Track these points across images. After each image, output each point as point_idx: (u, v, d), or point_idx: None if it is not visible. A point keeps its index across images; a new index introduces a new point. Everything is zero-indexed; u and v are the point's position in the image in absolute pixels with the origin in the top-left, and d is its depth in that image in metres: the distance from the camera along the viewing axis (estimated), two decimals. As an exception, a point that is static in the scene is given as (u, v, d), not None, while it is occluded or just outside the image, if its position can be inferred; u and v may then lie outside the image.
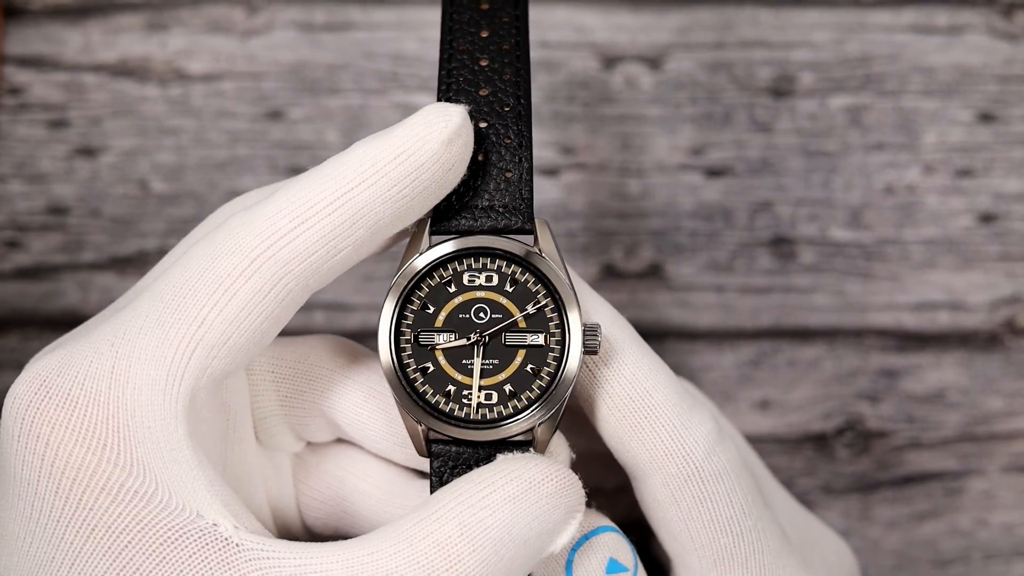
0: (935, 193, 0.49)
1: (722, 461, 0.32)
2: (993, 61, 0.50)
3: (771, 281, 0.49)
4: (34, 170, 0.49)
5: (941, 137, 0.50)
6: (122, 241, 0.49)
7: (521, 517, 0.29)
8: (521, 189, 0.33)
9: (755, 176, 0.49)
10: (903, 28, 0.50)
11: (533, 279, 0.32)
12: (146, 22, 0.50)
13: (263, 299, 0.29)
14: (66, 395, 0.28)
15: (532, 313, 0.32)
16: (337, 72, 0.50)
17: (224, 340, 0.29)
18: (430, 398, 0.32)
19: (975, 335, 0.49)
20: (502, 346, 0.32)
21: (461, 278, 0.32)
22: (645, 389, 0.32)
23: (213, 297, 0.29)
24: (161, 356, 0.28)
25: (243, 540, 0.28)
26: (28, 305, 0.49)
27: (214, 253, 0.29)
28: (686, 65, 0.50)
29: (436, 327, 0.32)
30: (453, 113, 0.30)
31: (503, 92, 0.33)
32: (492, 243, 0.32)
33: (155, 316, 0.29)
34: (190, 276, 0.29)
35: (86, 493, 0.28)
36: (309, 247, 0.29)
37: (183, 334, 0.29)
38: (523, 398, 0.32)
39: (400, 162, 0.29)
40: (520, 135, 0.33)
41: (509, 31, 0.34)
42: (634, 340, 0.33)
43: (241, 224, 0.29)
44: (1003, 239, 0.49)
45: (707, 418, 0.33)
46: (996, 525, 0.48)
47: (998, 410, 0.49)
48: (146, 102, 0.49)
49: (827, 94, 0.50)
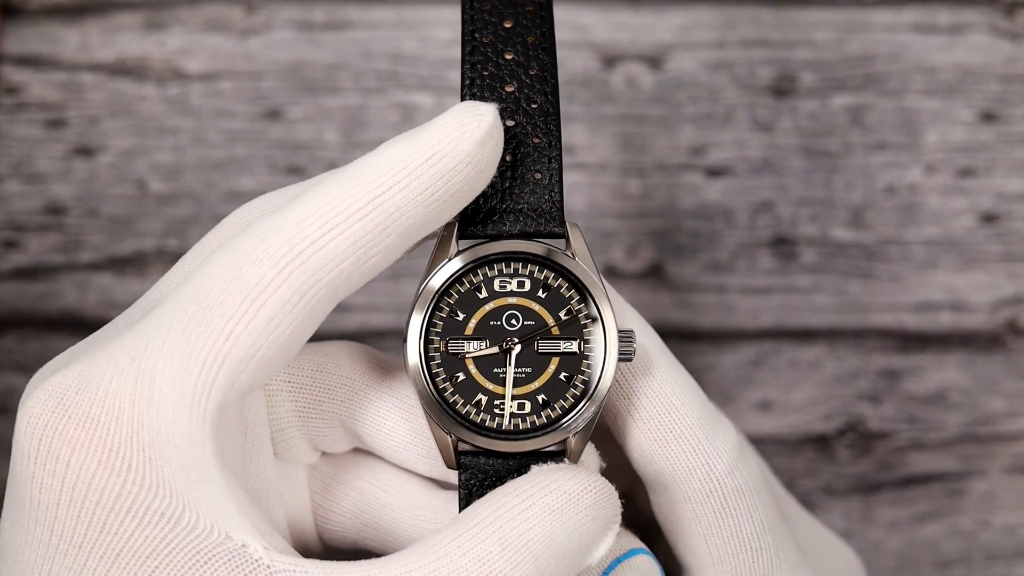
0: (937, 193, 0.49)
1: (744, 477, 0.32)
2: (995, 60, 0.50)
3: (772, 281, 0.49)
4: (32, 170, 0.49)
5: (943, 137, 0.49)
6: (120, 241, 0.49)
7: (561, 530, 0.28)
8: (551, 191, 0.31)
9: (756, 176, 0.49)
10: (905, 27, 0.50)
11: (566, 284, 0.31)
12: (144, 21, 0.50)
13: (292, 309, 0.28)
14: (86, 414, 0.27)
15: (565, 319, 0.31)
16: (336, 71, 0.49)
17: (252, 353, 0.27)
18: (460, 408, 0.31)
19: (977, 336, 0.49)
20: (535, 354, 0.31)
21: (492, 284, 0.31)
22: (672, 403, 0.32)
23: (240, 308, 0.27)
24: (187, 371, 0.27)
25: (273, 561, 0.27)
26: (26, 305, 0.49)
27: (240, 261, 0.28)
28: (687, 64, 0.50)
29: (466, 335, 0.31)
30: (485, 112, 0.28)
31: (529, 88, 0.32)
32: (524, 247, 0.31)
33: (179, 328, 0.27)
34: (215, 286, 0.27)
35: (110, 517, 0.27)
36: (340, 254, 0.28)
37: (210, 347, 0.27)
38: (557, 407, 0.31)
39: (433, 164, 0.28)
40: (549, 134, 0.32)
41: (534, 21, 0.32)
42: (663, 352, 0.32)
43: (268, 230, 0.28)
44: (1005, 239, 0.49)
45: (731, 433, 0.32)
46: (998, 526, 0.48)
47: (1000, 411, 0.49)
48: (144, 101, 0.49)
49: (828, 94, 0.50)
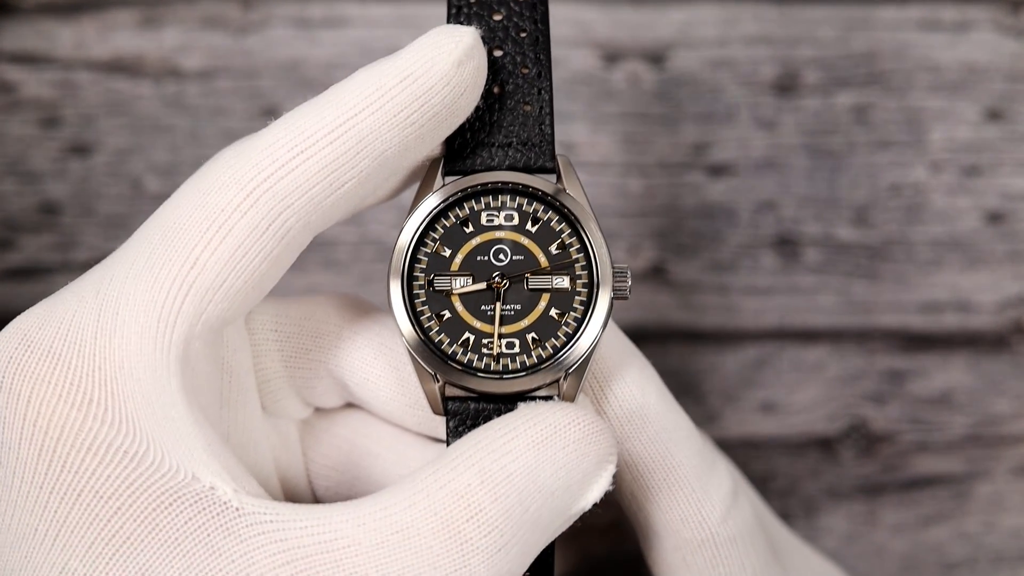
0: (942, 192, 0.49)
1: (737, 524, 0.31)
2: (1000, 58, 0.50)
3: (775, 281, 0.49)
4: (26, 169, 0.49)
5: (948, 135, 0.49)
6: (116, 241, 0.48)
7: (546, 464, 0.26)
8: (541, 124, 0.30)
9: (759, 175, 0.49)
10: (909, 24, 0.50)
11: (557, 217, 0.30)
12: (140, 18, 0.49)
13: (261, 236, 0.27)
14: (48, 348, 0.26)
15: (556, 253, 0.30)
16: (334, 69, 0.49)
17: (220, 282, 0.27)
18: (446, 348, 0.30)
19: (982, 336, 0.49)
20: (524, 290, 0.30)
21: (479, 217, 0.30)
22: (667, 450, 0.30)
23: (206, 235, 0.26)
24: (151, 301, 0.26)
25: (244, 503, 0.26)
26: (20, 305, 0.48)
27: (206, 188, 0.27)
28: (689, 62, 0.50)
29: (452, 271, 0.30)
30: (464, 33, 0.28)
31: (518, 16, 0.30)
32: (512, 178, 0.30)
33: (143, 259, 0.27)
34: (180, 215, 0.27)
35: (71, 454, 0.26)
36: (310, 178, 0.27)
37: (174, 276, 0.26)
38: (548, 346, 0.30)
39: (407, 85, 0.27)
40: (539, 63, 0.30)
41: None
42: (660, 395, 0.31)
43: (235, 156, 0.27)
44: (1011, 239, 0.49)
45: (725, 479, 0.31)
46: (1004, 529, 0.48)
47: (1005, 412, 0.49)
48: (140, 100, 0.49)
49: (832, 92, 0.49)
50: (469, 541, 0.25)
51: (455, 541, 0.25)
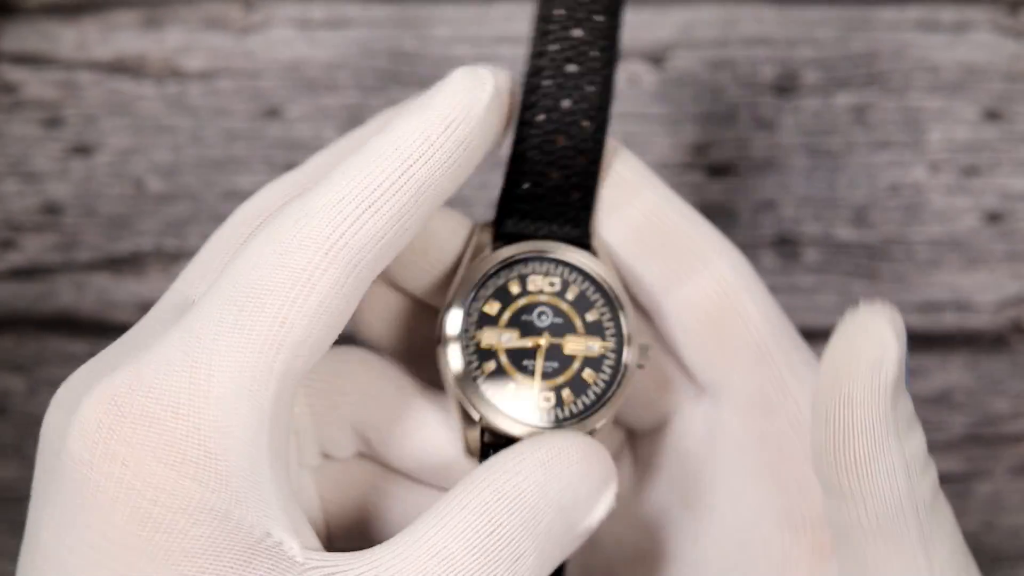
0: (940, 192, 0.49)
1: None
2: (999, 58, 0.50)
3: (775, 281, 0.49)
4: (29, 169, 0.49)
5: (947, 135, 0.49)
6: (118, 241, 0.49)
7: (553, 481, 0.29)
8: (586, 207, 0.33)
9: (758, 175, 0.49)
10: (908, 25, 0.50)
11: (592, 288, 0.33)
12: (142, 19, 0.50)
13: (341, 290, 0.28)
14: (142, 412, 0.27)
15: (591, 322, 0.33)
16: (335, 70, 0.50)
17: (306, 337, 0.28)
18: (491, 397, 0.32)
19: (981, 336, 0.49)
20: (561, 352, 0.33)
21: (525, 281, 0.33)
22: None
23: (291, 294, 0.27)
24: (244, 361, 0.27)
25: (308, 558, 0.27)
26: (23, 305, 0.49)
27: (283, 249, 0.28)
28: (689, 63, 0.50)
29: (499, 327, 0.33)
30: (486, 77, 0.29)
31: (581, 111, 0.33)
32: (558, 252, 0.33)
33: (230, 319, 0.27)
34: (262, 274, 0.28)
35: (166, 515, 0.26)
36: (379, 230, 0.28)
37: (265, 335, 0.27)
38: (579, 403, 0.32)
39: (450, 133, 0.29)
40: (594, 162, 0.33)
41: (598, 38, 0.33)
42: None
43: (305, 214, 0.28)
44: (1009, 238, 0.49)
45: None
46: (1003, 528, 0.48)
47: (1004, 411, 0.49)
48: (142, 100, 0.49)
49: (831, 92, 0.50)
50: (491, 553, 0.27)
51: (481, 554, 0.27)
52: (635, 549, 0.36)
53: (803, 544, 0.33)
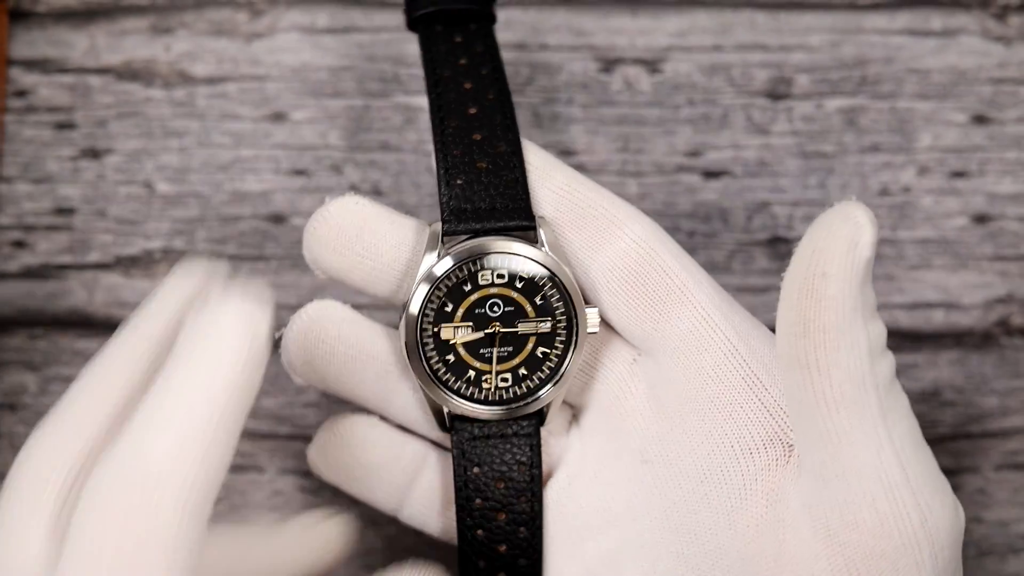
0: (930, 194, 0.49)
1: None
2: (987, 63, 0.50)
3: (768, 281, 0.49)
4: (40, 171, 0.49)
5: (936, 139, 0.50)
6: (127, 241, 0.49)
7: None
8: (518, 190, 0.35)
9: (752, 177, 0.50)
10: (898, 31, 0.50)
11: (540, 274, 0.35)
12: (151, 25, 0.50)
13: (191, 527, 0.27)
14: None
15: (540, 304, 0.35)
16: (339, 74, 0.50)
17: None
18: (452, 385, 0.35)
19: (969, 334, 0.49)
20: (515, 335, 0.35)
21: (476, 278, 0.35)
22: None
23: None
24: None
25: None
26: (34, 305, 0.49)
27: (126, 525, 0.27)
28: (684, 67, 0.50)
29: (455, 323, 0.35)
30: (259, 320, 0.28)
31: (491, 119, 0.36)
32: (503, 247, 0.35)
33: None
34: (105, 545, 0.27)
35: None
36: (211, 466, 0.28)
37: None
38: (535, 379, 0.36)
39: (233, 378, 0.28)
40: (508, 140, 0.36)
41: (488, 79, 0.37)
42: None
43: (128, 490, 0.27)
44: (997, 240, 0.49)
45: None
46: (990, 522, 0.48)
47: (992, 408, 0.49)
48: (151, 104, 0.49)
49: (823, 96, 0.50)
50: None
51: None
52: (606, 514, 0.37)
53: (758, 463, 0.33)
